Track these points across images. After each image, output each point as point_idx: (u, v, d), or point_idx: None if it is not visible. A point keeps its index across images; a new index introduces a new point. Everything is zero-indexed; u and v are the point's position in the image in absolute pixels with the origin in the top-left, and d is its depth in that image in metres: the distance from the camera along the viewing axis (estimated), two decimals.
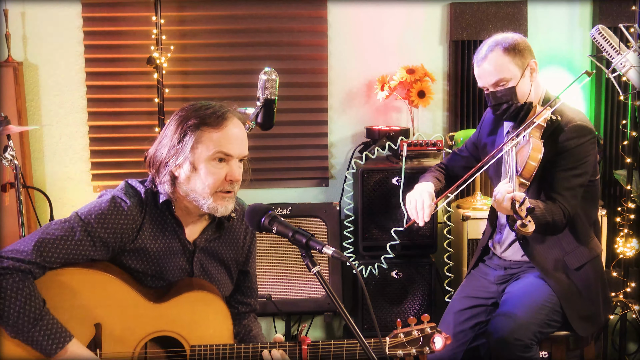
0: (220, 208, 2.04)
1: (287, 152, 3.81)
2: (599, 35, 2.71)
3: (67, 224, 1.98)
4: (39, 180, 3.70)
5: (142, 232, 2.05)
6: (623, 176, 3.54)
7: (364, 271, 3.44)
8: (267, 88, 2.76)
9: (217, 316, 2.06)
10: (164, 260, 2.08)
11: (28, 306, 1.87)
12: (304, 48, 3.75)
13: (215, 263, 2.19)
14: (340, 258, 1.79)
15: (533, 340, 2.49)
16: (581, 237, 2.63)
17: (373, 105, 3.80)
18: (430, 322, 2.08)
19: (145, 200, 2.07)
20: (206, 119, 2.02)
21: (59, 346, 1.90)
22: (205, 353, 2.02)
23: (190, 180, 2.03)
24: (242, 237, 2.25)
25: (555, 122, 2.51)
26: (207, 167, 2.01)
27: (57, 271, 1.95)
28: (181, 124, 2.03)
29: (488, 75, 2.59)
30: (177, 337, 2.03)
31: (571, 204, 2.49)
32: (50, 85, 3.66)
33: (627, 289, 3.50)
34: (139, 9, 3.61)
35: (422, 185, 2.73)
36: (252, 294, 2.35)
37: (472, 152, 2.90)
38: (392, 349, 2.05)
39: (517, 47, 2.57)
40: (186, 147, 2.00)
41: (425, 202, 2.61)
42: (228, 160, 2.03)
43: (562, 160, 2.51)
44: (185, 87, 3.70)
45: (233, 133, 2.03)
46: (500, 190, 2.33)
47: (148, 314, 2.01)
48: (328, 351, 2.05)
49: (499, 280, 2.76)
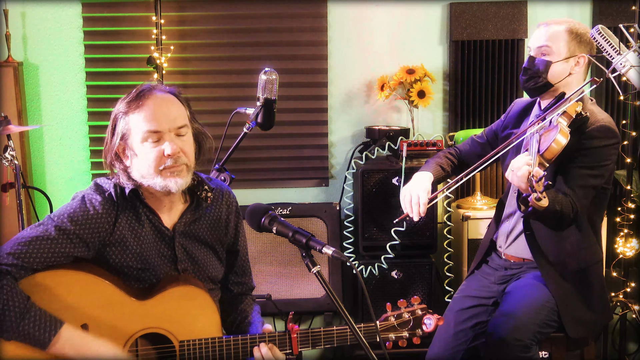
0: (170, 184, 2.02)
1: (287, 152, 3.81)
2: (598, 35, 2.71)
3: (42, 226, 1.99)
4: (39, 180, 3.71)
5: (118, 223, 2.05)
6: (623, 176, 3.55)
7: (364, 271, 3.44)
8: (267, 88, 2.77)
9: (204, 310, 2.06)
10: (145, 250, 2.08)
11: (12, 301, 1.85)
12: (304, 48, 3.75)
13: (199, 246, 2.18)
14: (340, 258, 1.80)
15: (533, 341, 2.49)
16: (584, 242, 2.61)
17: (373, 105, 3.80)
18: (420, 304, 2.08)
19: (115, 194, 2.07)
20: (130, 104, 2.04)
21: (51, 334, 1.88)
22: (195, 347, 2.01)
23: (136, 165, 2.04)
24: (225, 217, 2.24)
25: (583, 117, 2.48)
26: (142, 149, 2.02)
27: (41, 274, 1.95)
28: (114, 115, 2.07)
29: (538, 37, 2.60)
30: (165, 333, 2.02)
31: (581, 203, 2.47)
32: (50, 85, 3.67)
33: (627, 289, 3.51)
34: (139, 9, 3.62)
35: (420, 177, 2.68)
36: (246, 273, 2.34)
37: (490, 140, 2.86)
38: (383, 332, 2.05)
39: (581, 36, 2.57)
40: (119, 136, 2.04)
41: (420, 197, 2.57)
42: (160, 136, 2.02)
43: (583, 157, 2.48)
44: (185, 86, 3.69)
45: (156, 109, 2.02)
46: (519, 159, 2.31)
47: (134, 312, 2.00)
48: (318, 336, 2.05)
49: (500, 280, 2.76)
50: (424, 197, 2.58)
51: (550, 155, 2.37)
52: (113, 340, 1.98)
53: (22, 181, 3.10)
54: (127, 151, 2.05)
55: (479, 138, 2.91)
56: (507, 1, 3.70)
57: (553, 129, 2.42)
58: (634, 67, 2.61)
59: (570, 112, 2.47)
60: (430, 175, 2.70)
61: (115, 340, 1.99)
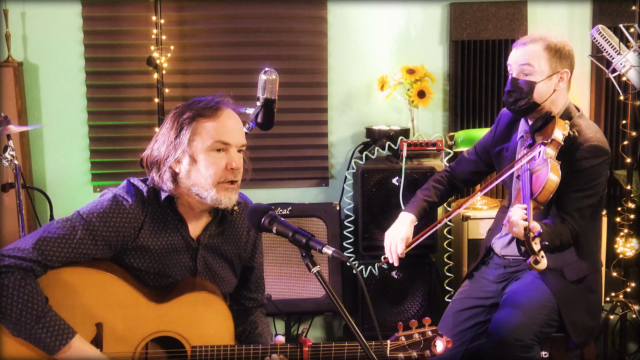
0: (224, 199, 2.04)
1: (287, 152, 3.81)
2: (599, 35, 2.71)
3: (69, 222, 1.98)
4: (39, 180, 3.70)
5: (143, 230, 2.05)
6: (623, 176, 3.54)
7: (364, 271, 3.44)
8: (267, 88, 2.76)
9: (219, 317, 2.06)
10: (166, 258, 2.08)
11: (30, 304, 1.86)
12: (304, 48, 3.75)
13: (219, 259, 2.19)
14: (340, 258, 1.79)
15: (534, 340, 2.49)
16: (584, 253, 2.60)
17: (373, 105, 3.80)
18: (431, 326, 2.08)
19: (147, 198, 2.07)
20: (201, 111, 2.04)
21: (62, 343, 1.89)
22: (206, 354, 2.01)
23: (191, 173, 2.03)
24: (245, 233, 2.25)
25: (572, 138, 2.46)
26: (206, 158, 2.02)
27: (59, 270, 1.95)
28: (177, 119, 2.05)
29: (518, 57, 2.55)
30: (178, 337, 2.03)
31: (579, 224, 2.48)
32: (50, 85, 3.66)
33: (627, 289, 3.50)
34: (139, 9, 3.61)
35: (401, 221, 2.76)
36: (259, 289, 2.35)
37: (481, 156, 2.86)
38: (393, 351, 2.04)
39: (560, 51, 2.53)
40: (184, 141, 2.02)
41: (398, 246, 2.68)
42: (227, 149, 2.03)
43: (575, 180, 2.47)
44: (185, 86, 3.70)
45: (228, 122, 2.05)
46: (515, 213, 2.29)
47: (149, 314, 2.01)
48: (329, 353, 2.04)
49: (499, 279, 2.76)
50: (401, 246, 2.68)
51: (544, 198, 2.35)
52: (126, 341, 1.99)
53: (22, 181, 3.10)
54: (184, 157, 2.03)
55: (469, 155, 2.91)
56: (507, 1, 3.70)
57: (543, 167, 2.38)
58: (634, 67, 2.61)
59: (557, 139, 2.42)
60: (413, 217, 2.77)
61: (128, 341, 1.99)
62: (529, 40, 2.55)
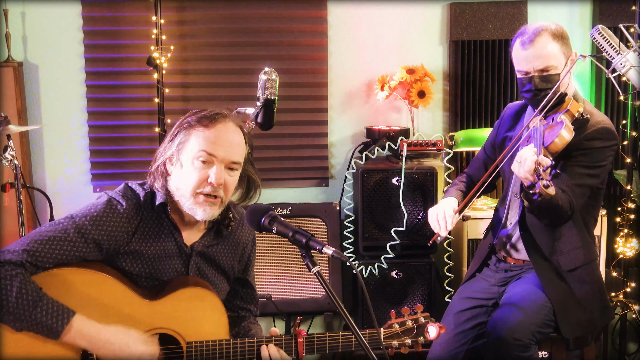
0: (199, 211, 2.03)
1: (287, 152, 3.81)
2: (598, 35, 2.70)
3: (61, 225, 1.98)
4: (39, 180, 3.71)
5: (136, 235, 2.05)
6: (623, 176, 3.55)
7: (364, 271, 3.44)
8: (267, 88, 2.76)
9: (213, 312, 2.07)
10: (158, 263, 2.08)
11: (24, 290, 1.86)
12: (304, 48, 3.75)
13: (213, 269, 2.19)
14: (340, 258, 1.80)
15: (532, 340, 2.49)
16: (578, 241, 2.61)
17: (373, 105, 3.80)
18: (424, 312, 2.10)
19: (143, 202, 2.07)
20: (200, 119, 2.05)
21: (64, 322, 1.88)
22: (202, 349, 2.02)
23: (177, 177, 2.05)
24: (242, 246, 2.26)
25: (584, 119, 2.49)
26: (190, 165, 2.02)
27: (51, 271, 1.95)
28: (179, 123, 2.09)
29: (536, 60, 2.51)
30: (173, 334, 2.03)
31: (577, 201, 2.49)
32: (50, 85, 3.67)
33: (627, 289, 3.51)
34: (139, 9, 3.61)
35: (445, 200, 2.74)
36: (252, 301, 2.35)
37: (489, 154, 2.87)
38: (387, 339, 2.07)
39: (564, 35, 2.55)
40: (176, 143, 2.05)
41: (446, 212, 2.63)
42: (211, 162, 2.02)
43: (582, 157, 2.50)
44: (185, 86, 3.70)
45: (221, 135, 2.04)
46: (526, 151, 2.29)
47: (143, 312, 2.00)
48: (324, 343, 2.06)
49: (500, 282, 2.76)
50: (450, 211, 2.63)
51: (554, 149, 2.39)
52: None
53: (22, 181, 3.10)
54: (175, 160, 2.05)
55: (479, 155, 2.93)
56: (507, 1, 3.70)
57: (557, 125, 2.42)
58: (634, 67, 2.61)
59: (572, 111, 2.48)
60: (454, 198, 2.75)
61: None
62: (533, 34, 2.52)
